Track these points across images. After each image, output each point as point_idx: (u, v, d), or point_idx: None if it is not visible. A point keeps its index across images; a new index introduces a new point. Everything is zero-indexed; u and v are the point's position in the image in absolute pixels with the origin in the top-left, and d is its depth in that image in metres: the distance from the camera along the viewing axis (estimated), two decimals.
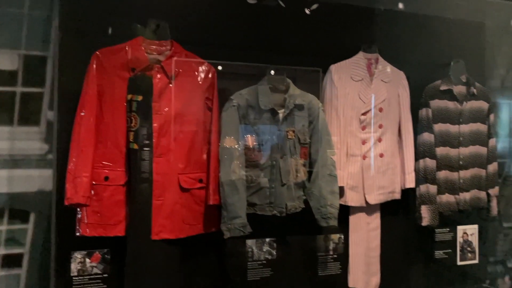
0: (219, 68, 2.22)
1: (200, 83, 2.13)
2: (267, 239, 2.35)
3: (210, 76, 2.16)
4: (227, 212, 2.05)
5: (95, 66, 1.95)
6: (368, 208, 2.48)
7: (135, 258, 1.99)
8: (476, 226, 2.85)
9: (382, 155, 2.45)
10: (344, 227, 2.47)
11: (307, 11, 2.47)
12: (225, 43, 2.34)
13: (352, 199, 2.41)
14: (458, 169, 2.64)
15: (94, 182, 1.92)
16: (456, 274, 2.83)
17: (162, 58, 2.06)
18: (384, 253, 2.55)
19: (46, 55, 2.11)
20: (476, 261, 2.84)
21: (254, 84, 2.27)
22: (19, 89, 2.07)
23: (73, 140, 1.91)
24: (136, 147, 1.99)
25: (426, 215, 2.52)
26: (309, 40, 2.51)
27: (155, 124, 1.98)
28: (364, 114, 2.42)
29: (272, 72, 2.30)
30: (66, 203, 1.86)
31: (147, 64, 2.02)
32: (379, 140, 2.45)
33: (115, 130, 1.96)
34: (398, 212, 2.64)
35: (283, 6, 2.43)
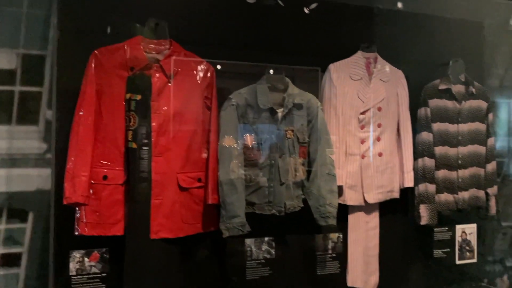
0: (218, 67, 2.22)
1: (199, 82, 2.13)
2: (266, 238, 2.35)
3: (209, 75, 2.16)
4: (226, 211, 2.05)
5: (93, 65, 1.95)
6: (367, 207, 2.48)
7: (134, 257, 1.99)
8: (474, 225, 2.85)
9: (381, 154, 2.45)
10: (343, 226, 2.48)
11: (306, 10, 2.47)
12: (224, 42, 2.34)
13: (351, 198, 2.41)
14: (457, 168, 2.64)
15: (92, 181, 1.92)
16: (454, 273, 2.83)
17: (161, 57, 2.06)
18: (383, 252, 2.55)
19: (44, 54, 2.11)
20: (474, 260, 2.84)
21: (253, 83, 2.26)
22: (18, 88, 2.07)
23: (71, 139, 1.91)
24: (135, 146, 1.99)
25: (424, 214, 2.52)
26: (308, 39, 2.51)
27: (154, 123, 1.98)
28: (363, 113, 2.42)
29: (271, 71, 2.29)
30: (65, 202, 1.86)
31: (145, 63, 2.02)
32: (378, 139, 2.45)
33: (114, 129, 1.96)
34: (396, 211, 2.64)
35: (282, 5, 2.43)
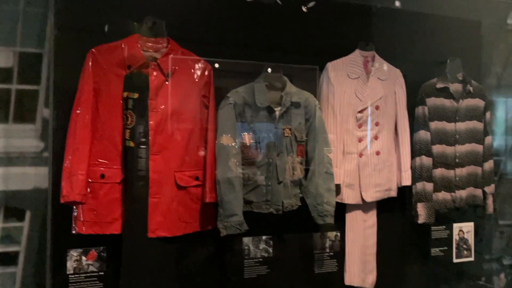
0: (216, 65, 2.22)
1: (197, 80, 2.13)
2: (264, 237, 2.36)
3: (206, 73, 2.15)
4: (223, 210, 2.05)
5: (91, 63, 1.94)
6: (364, 206, 2.48)
7: (131, 256, 1.98)
8: (472, 224, 2.86)
9: (378, 153, 2.45)
10: (340, 224, 2.48)
11: (304, 8, 2.47)
12: (221, 41, 2.33)
13: (348, 196, 2.41)
14: (454, 166, 2.64)
15: (90, 180, 1.92)
16: (452, 271, 2.84)
17: (158, 56, 2.05)
18: (380, 250, 2.55)
19: (41, 52, 2.11)
20: (472, 258, 2.85)
21: (250, 82, 2.26)
22: (15, 86, 2.06)
23: (68, 138, 1.91)
24: (132, 144, 1.99)
25: (422, 213, 2.53)
26: (306, 37, 2.51)
27: (151, 122, 1.98)
28: (360, 112, 2.42)
29: (269, 70, 2.29)
30: (62, 201, 1.86)
31: (143, 62, 2.01)
32: (376, 138, 2.45)
33: (111, 127, 1.96)
34: (394, 210, 2.64)
35: (280, 3, 2.42)
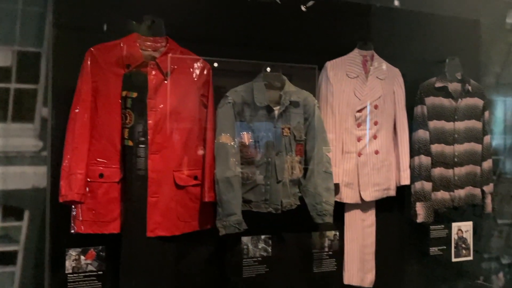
0: (215, 65, 2.22)
1: (195, 79, 2.12)
2: (263, 236, 2.36)
3: (205, 72, 2.15)
4: (222, 209, 2.05)
5: (89, 62, 1.94)
6: (363, 205, 2.48)
7: (130, 255, 1.98)
8: (470, 223, 2.86)
9: (377, 152, 2.45)
10: (339, 224, 2.48)
11: (303, 8, 2.47)
12: (220, 40, 2.33)
13: (347, 196, 2.41)
14: (453, 166, 2.64)
15: (88, 179, 1.92)
16: (450, 270, 2.84)
17: (157, 55, 2.05)
18: (379, 250, 2.55)
19: (40, 51, 2.10)
20: (470, 257, 2.85)
21: (249, 81, 2.26)
22: (13, 85, 2.06)
23: (67, 137, 1.91)
24: (131, 144, 1.98)
25: (421, 212, 2.53)
26: (305, 37, 2.51)
27: (150, 121, 1.98)
28: (359, 111, 2.42)
29: (268, 69, 2.29)
30: (61, 200, 1.86)
31: (142, 61, 2.01)
32: (374, 137, 2.45)
33: (110, 127, 1.96)
34: (393, 209, 2.65)
35: (279, 3, 2.42)
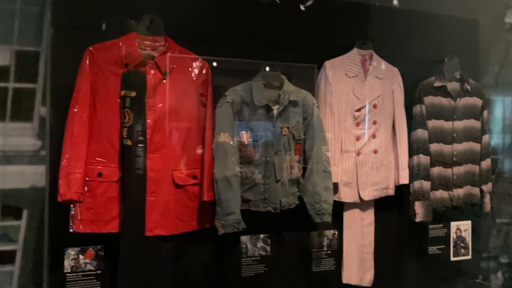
0: (214, 64, 2.21)
1: (194, 79, 2.12)
2: (261, 235, 2.36)
3: (204, 72, 2.15)
4: (221, 208, 2.05)
5: (88, 61, 1.94)
6: (362, 204, 2.48)
7: (129, 254, 1.99)
8: (469, 222, 2.86)
9: (376, 152, 2.45)
10: (338, 223, 2.48)
11: (302, 7, 2.47)
12: (219, 39, 2.33)
13: (346, 195, 2.42)
14: (452, 165, 2.65)
15: (87, 178, 1.91)
16: (449, 269, 2.85)
17: (156, 54, 2.05)
18: (378, 249, 2.56)
19: (38, 50, 2.10)
20: (469, 256, 2.86)
21: (248, 81, 2.26)
22: (11, 84, 2.06)
23: (66, 136, 1.91)
24: (130, 143, 1.98)
25: (419, 211, 2.53)
26: (304, 36, 2.51)
27: (149, 120, 1.97)
28: (358, 110, 2.42)
29: (267, 69, 2.29)
30: (59, 200, 1.86)
31: (140, 60, 2.01)
32: (373, 136, 2.45)
33: (109, 126, 1.95)
34: (392, 208, 2.65)
35: (278, 2, 2.42)
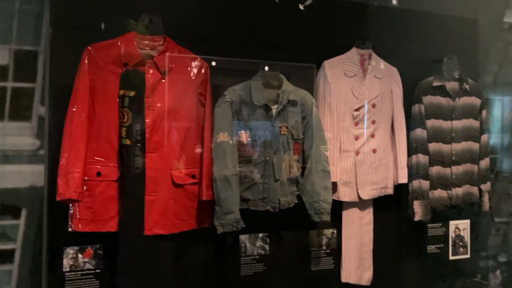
0: (213, 63, 2.21)
1: (193, 78, 2.12)
2: (260, 235, 2.36)
3: (203, 71, 2.15)
4: (220, 207, 2.05)
5: (87, 61, 1.94)
6: (361, 203, 2.49)
7: (127, 253, 1.99)
8: (468, 221, 2.87)
9: (375, 151, 2.45)
10: (337, 222, 2.49)
11: (301, 7, 2.47)
12: (218, 39, 2.33)
13: (345, 194, 2.42)
14: (451, 164, 2.65)
15: (86, 178, 1.92)
16: (448, 268, 2.85)
17: (154, 54, 2.05)
18: (376, 248, 2.56)
19: (37, 50, 2.10)
20: (468, 255, 2.86)
21: (247, 80, 2.26)
22: (10, 84, 2.06)
23: (65, 136, 1.91)
24: (129, 142, 1.99)
25: (418, 210, 2.53)
26: (303, 35, 2.51)
27: (148, 120, 1.97)
28: (357, 110, 2.42)
29: (266, 68, 2.29)
30: (58, 199, 1.86)
31: (139, 59, 2.01)
32: (372, 135, 2.46)
33: (107, 125, 1.95)
34: (390, 207, 2.65)
35: (277, 1, 2.42)
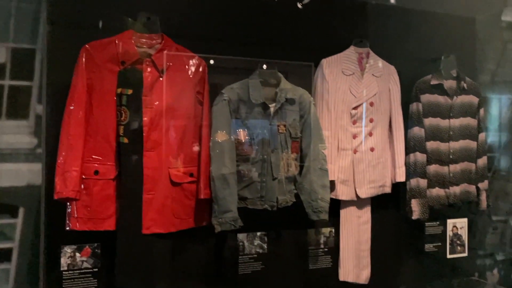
0: (210, 62, 2.21)
1: (191, 77, 2.12)
2: (258, 233, 2.36)
3: (201, 70, 2.15)
4: (218, 206, 2.05)
5: (84, 59, 1.93)
6: (358, 202, 2.49)
7: (125, 252, 1.98)
8: (465, 220, 2.88)
9: (373, 149, 2.46)
10: (335, 220, 2.49)
11: (299, 5, 2.47)
12: (216, 37, 2.33)
13: (343, 193, 2.42)
14: (448, 163, 2.65)
15: (83, 176, 1.91)
16: (445, 267, 2.86)
17: (152, 52, 2.04)
18: (374, 246, 2.56)
19: (34, 48, 2.09)
20: (465, 254, 2.87)
21: (245, 78, 2.26)
22: (7, 82, 2.05)
23: (62, 134, 1.90)
24: (126, 141, 1.98)
25: (416, 209, 2.54)
26: (301, 34, 2.51)
27: (145, 118, 1.97)
28: (355, 108, 2.42)
29: (264, 66, 2.29)
30: (56, 197, 1.86)
31: (137, 58, 2.01)
32: (370, 134, 2.46)
33: (105, 124, 1.95)
34: (388, 206, 2.66)
35: (275, 0, 2.42)
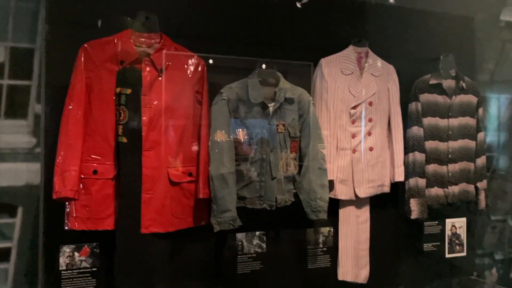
0: (209, 61, 2.21)
1: (190, 76, 2.12)
2: (257, 233, 2.36)
3: (199, 69, 2.15)
4: (217, 205, 2.05)
5: (83, 58, 1.93)
6: (357, 202, 2.49)
7: (124, 251, 1.99)
8: (464, 219, 2.88)
9: (371, 149, 2.46)
10: (333, 220, 2.49)
11: (298, 5, 2.47)
12: (215, 37, 2.33)
13: (341, 192, 2.42)
14: (447, 162, 2.66)
15: (82, 176, 1.91)
16: (444, 266, 2.86)
17: (151, 51, 2.04)
18: (373, 246, 2.57)
19: (33, 47, 2.09)
20: (464, 253, 2.88)
21: (244, 78, 2.26)
22: (6, 81, 2.05)
23: (61, 134, 1.90)
24: (125, 140, 1.98)
25: (415, 208, 2.54)
26: (300, 33, 2.51)
27: (144, 118, 1.97)
28: (354, 108, 2.43)
29: (263, 66, 2.29)
30: (55, 197, 1.85)
31: (136, 57, 2.00)
32: (369, 133, 2.46)
33: (104, 123, 1.95)
34: (387, 205, 2.66)
35: (275, 0, 2.42)
